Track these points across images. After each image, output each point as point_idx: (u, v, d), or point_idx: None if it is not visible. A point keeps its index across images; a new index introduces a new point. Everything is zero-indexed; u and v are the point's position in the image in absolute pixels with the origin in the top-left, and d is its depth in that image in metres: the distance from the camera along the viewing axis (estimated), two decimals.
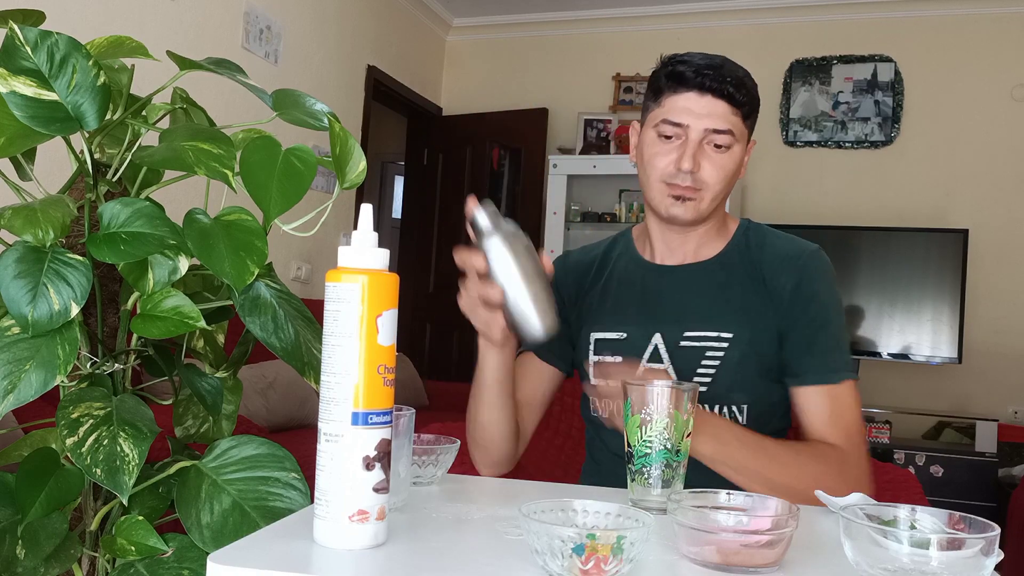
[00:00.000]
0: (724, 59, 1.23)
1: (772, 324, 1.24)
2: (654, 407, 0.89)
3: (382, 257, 0.73)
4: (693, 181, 1.21)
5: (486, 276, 1.02)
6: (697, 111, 1.20)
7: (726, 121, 1.20)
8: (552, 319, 1.01)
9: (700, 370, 1.25)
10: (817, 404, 1.20)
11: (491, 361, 1.17)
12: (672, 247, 1.32)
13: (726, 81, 1.20)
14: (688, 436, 0.91)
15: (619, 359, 1.28)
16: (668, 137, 1.22)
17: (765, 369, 1.25)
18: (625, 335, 1.30)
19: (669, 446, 0.89)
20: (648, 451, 0.89)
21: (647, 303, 1.31)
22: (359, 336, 0.71)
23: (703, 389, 1.23)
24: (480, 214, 1.06)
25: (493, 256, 1.02)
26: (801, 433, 1.25)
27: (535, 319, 1.01)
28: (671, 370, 1.25)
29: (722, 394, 1.23)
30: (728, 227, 1.34)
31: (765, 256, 1.28)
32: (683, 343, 1.26)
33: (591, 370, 1.32)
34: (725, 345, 1.24)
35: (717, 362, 1.24)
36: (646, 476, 0.89)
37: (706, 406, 1.23)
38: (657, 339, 1.28)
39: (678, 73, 1.21)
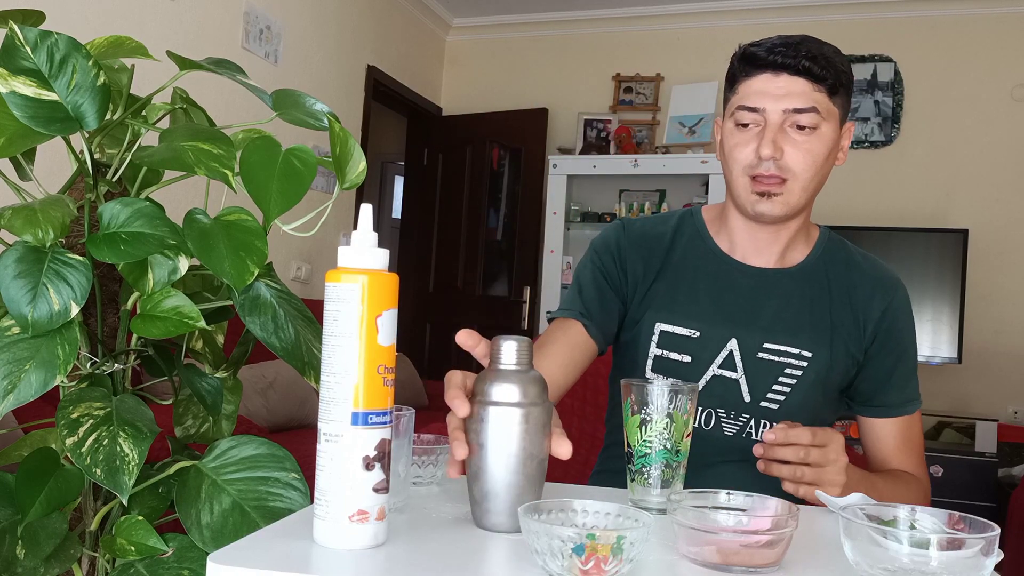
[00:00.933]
0: (804, 36, 1.14)
1: (851, 348, 1.20)
2: (653, 407, 0.89)
3: (382, 257, 0.73)
4: (777, 169, 1.12)
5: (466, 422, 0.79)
6: (773, 92, 1.11)
7: (807, 99, 1.10)
8: (516, 523, 0.73)
9: (776, 387, 1.19)
10: (893, 434, 1.22)
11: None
12: (759, 246, 1.22)
13: (801, 56, 1.10)
14: (688, 436, 0.91)
15: (687, 359, 1.20)
16: (746, 125, 1.13)
17: (831, 391, 1.22)
18: (698, 333, 1.20)
19: (669, 446, 0.89)
20: (648, 451, 0.89)
21: (725, 303, 1.21)
22: (359, 336, 0.71)
23: (774, 407, 1.18)
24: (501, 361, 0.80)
25: (491, 421, 0.78)
26: (872, 454, 1.25)
27: (498, 516, 0.79)
28: (743, 380, 1.18)
29: (790, 414, 1.17)
30: (811, 234, 1.27)
31: (855, 276, 1.23)
32: (761, 354, 1.19)
33: (650, 361, 1.22)
34: (804, 364, 1.18)
35: (794, 381, 1.18)
36: (646, 476, 0.89)
37: (769, 422, 1.18)
38: (733, 345, 1.19)
39: (750, 55, 1.13)
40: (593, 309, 1.24)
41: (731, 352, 1.19)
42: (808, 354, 1.19)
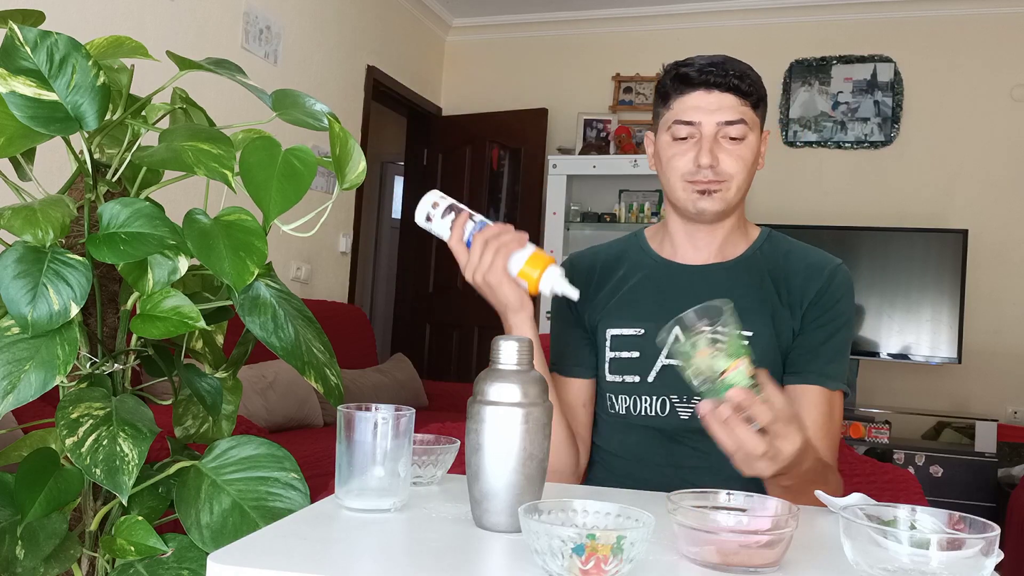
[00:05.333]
0: (725, 57, 1.26)
1: (788, 326, 1.27)
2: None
3: None
4: (715, 174, 1.23)
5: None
6: (706, 107, 1.23)
7: (736, 112, 1.23)
8: (516, 523, 0.76)
9: None
10: (813, 405, 1.23)
11: (528, 329, 1.16)
12: (698, 245, 1.33)
13: (730, 75, 1.22)
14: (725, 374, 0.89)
15: (636, 354, 1.29)
16: (683, 138, 1.25)
17: (775, 367, 1.26)
18: (643, 331, 1.29)
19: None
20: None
21: (667, 300, 1.30)
22: None
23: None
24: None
25: (491, 421, 0.80)
26: None
27: (498, 516, 0.79)
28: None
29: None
30: (750, 232, 1.36)
31: (792, 263, 1.31)
32: None
33: (607, 365, 1.32)
34: (746, 343, 1.23)
35: None
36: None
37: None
38: (677, 332, 1.25)
39: (682, 75, 1.24)
40: (572, 355, 1.36)
41: (677, 338, 1.22)
42: (749, 333, 1.24)
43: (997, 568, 0.69)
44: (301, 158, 0.98)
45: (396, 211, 6.77)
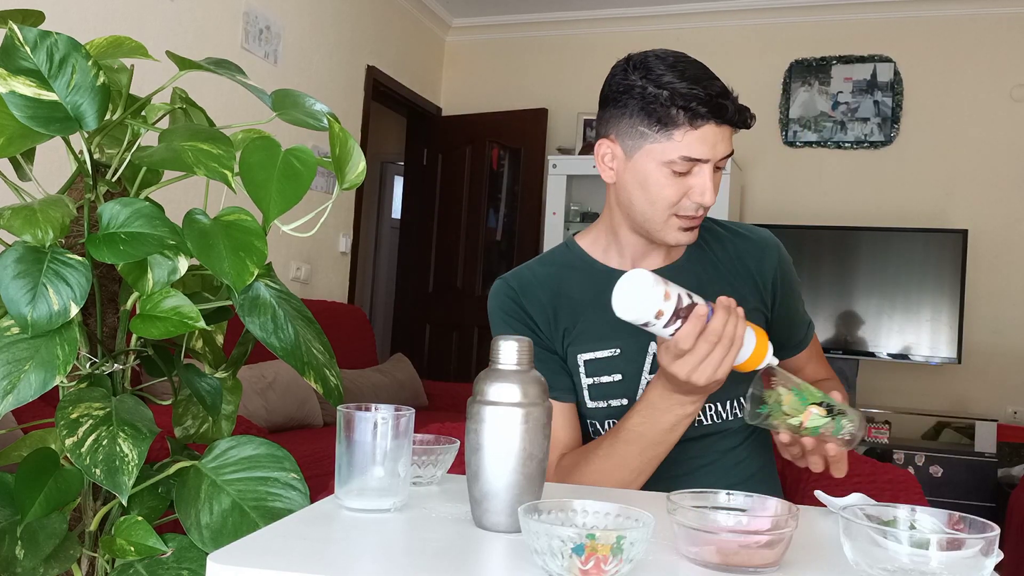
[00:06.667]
0: (712, 73, 1.16)
1: (757, 309, 1.28)
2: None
3: None
4: (703, 209, 1.17)
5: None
6: (713, 141, 1.13)
7: (731, 144, 1.16)
8: (516, 523, 0.76)
9: None
10: (807, 358, 1.40)
11: (689, 414, 1.09)
12: (647, 251, 1.26)
13: (736, 108, 1.13)
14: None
15: (618, 377, 1.24)
16: (683, 172, 1.14)
17: None
18: (619, 351, 1.23)
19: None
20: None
21: None
22: None
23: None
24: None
25: (491, 421, 0.80)
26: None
27: (498, 516, 0.79)
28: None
29: (729, 388, 1.18)
30: None
31: (740, 245, 1.31)
32: None
33: (586, 392, 1.25)
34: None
35: None
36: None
37: (717, 403, 1.24)
38: (653, 348, 1.23)
39: (692, 109, 1.11)
40: (549, 380, 1.25)
41: (654, 355, 1.23)
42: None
43: (997, 568, 0.69)
44: (301, 158, 0.98)
45: (396, 211, 6.77)
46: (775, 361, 1.03)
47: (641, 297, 0.95)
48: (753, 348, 1.01)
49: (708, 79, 1.14)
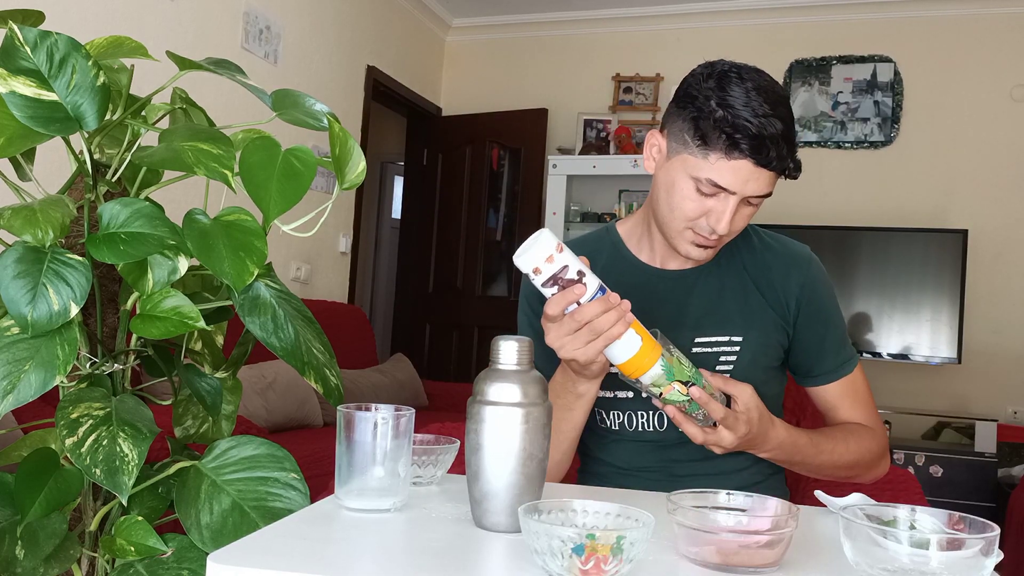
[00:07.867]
0: (783, 113, 1.11)
1: (777, 324, 1.26)
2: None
3: None
4: (719, 236, 1.17)
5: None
6: (745, 177, 1.11)
7: (770, 185, 1.15)
8: (516, 523, 0.77)
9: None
10: (839, 395, 1.30)
11: (590, 392, 1.13)
12: (674, 252, 1.25)
13: (783, 156, 1.12)
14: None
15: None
16: (707, 194, 1.14)
17: (769, 367, 1.28)
18: None
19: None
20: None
21: (651, 310, 1.23)
22: None
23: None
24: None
25: (491, 421, 0.81)
26: (826, 416, 1.33)
27: (498, 516, 0.80)
28: None
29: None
30: None
31: (768, 258, 1.28)
32: (695, 349, 1.25)
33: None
34: (737, 348, 1.24)
35: (731, 365, 1.24)
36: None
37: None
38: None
39: (735, 140, 1.09)
40: (553, 368, 1.22)
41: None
42: (739, 338, 1.25)
43: (997, 568, 0.69)
44: (301, 158, 0.98)
45: (396, 211, 6.77)
46: (667, 381, 1.03)
47: (532, 250, 0.96)
48: (634, 354, 1.00)
49: (768, 116, 1.10)
